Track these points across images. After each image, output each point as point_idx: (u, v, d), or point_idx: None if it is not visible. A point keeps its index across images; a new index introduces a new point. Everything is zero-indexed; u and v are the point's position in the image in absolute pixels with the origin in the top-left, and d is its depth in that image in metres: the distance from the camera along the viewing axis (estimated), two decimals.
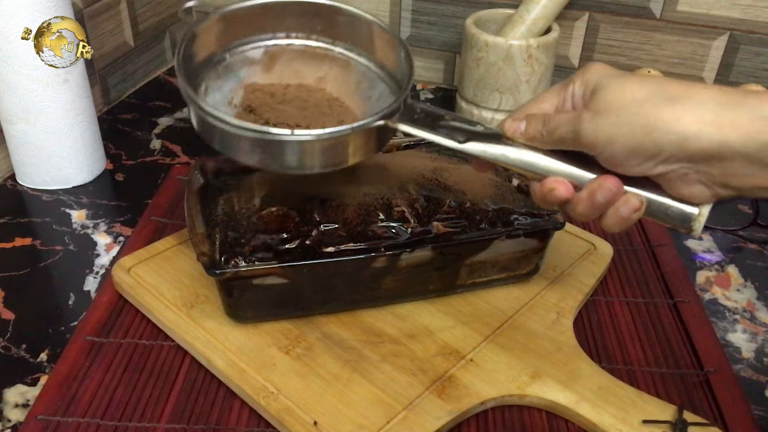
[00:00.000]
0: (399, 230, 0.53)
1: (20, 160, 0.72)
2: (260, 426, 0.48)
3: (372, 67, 0.54)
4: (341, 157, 0.47)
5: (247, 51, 0.54)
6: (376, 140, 0.47)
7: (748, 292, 0.64)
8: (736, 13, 0.84)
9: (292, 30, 0.54)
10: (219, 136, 0.46)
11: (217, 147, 0.47)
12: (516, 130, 0.44)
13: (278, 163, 0.46)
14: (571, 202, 0.43)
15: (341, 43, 0.54)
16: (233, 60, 0.53)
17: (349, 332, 0.54)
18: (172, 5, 1.01)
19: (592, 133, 0.40)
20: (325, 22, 0.54)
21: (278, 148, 0.45)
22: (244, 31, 0.53)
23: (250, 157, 0.46)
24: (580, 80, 0.43)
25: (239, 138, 0.45)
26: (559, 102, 0.44)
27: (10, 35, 0.63)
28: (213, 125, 0.45)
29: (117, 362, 0.52)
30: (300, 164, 0.46)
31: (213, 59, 0.52)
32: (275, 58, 0.54)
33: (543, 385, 0.50)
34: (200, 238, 0.52)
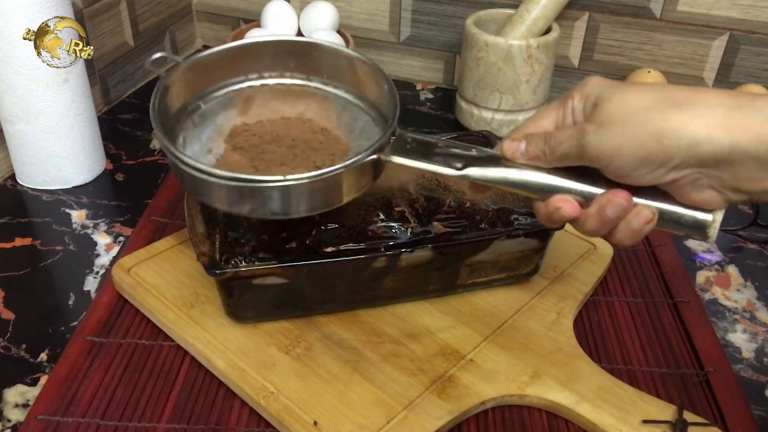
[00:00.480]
0: (399, 230, 0.54)
1: (20, 160, 0.72)
2: (260, 426, 0.48)
3: (351, 99, 0.53)
4: (335, 197, 0.45)
5: (221, 96, 0.53)
6: (368, 175, 0.46)
7: (748, 292, 0.64)
8: (736, 13, 0.84)
9: (264, 70, 0.53)
10: (204, 188, 0.44)
11: (205, 200, 0.46)
12: (516, 150, 0.43)
13: (270, 209, 0.44)
14: (578, 220, 0.42)
15: (317, 77, 0.54)
16: (208, 107, 0.52)
17: (349, 332, 0.54)
18: (172, 5, 1.01)
19: (597, 145, 0.40)
20: (298, 59, 0.53)
21: (269, 194, 0.44)
22: (216, 77, 0.53)
23: (241, 207, 0.45)
24: (579, 94, 0.42)
25: (226, 189, 0.44)
26: (558, 119, 0.44)
27: (10, 35, 0.63)
28: (198, 179, 0.43)
29: (117, 362, 0.52)
30: (293, 208, 0.45)
31: (187, 108, 0.51)
32: (251, 100, 0.53)
33: (543, 385, 0.50)
34: (200, 238, 0.52)
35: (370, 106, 0.53)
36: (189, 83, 0.51)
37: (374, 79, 0.51)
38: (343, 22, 0.98)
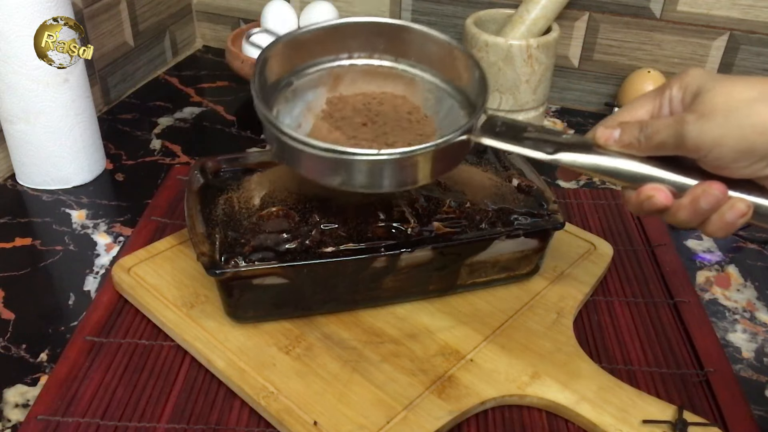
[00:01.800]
0: (399, 230, 0.54)
1: (20, 160, 0.72)
2: (260, 426, 0.48)
3: (437, 82, 0.54)
4: (422, 174, 0.46)
5: (312, 74, 0.54)
6: (456, 156, 0.47)
7: (748, 292, 0.64)
8: (736, 13, 0.84)
9: (354, 50, 0.54)
10: (300, 159, 0.46)
11: (301, 171, 0.48)
12: (609, 137, 0.43)
13: (359, 182, 0.46)
14: (670, 210, 0.42)
15: (404, 60, 0.54)
16: (300, 84, 0.54)
17: (349, 332, 0.54)
18: (172, 5, 1.01)
19: (698, 135, 0.39)
20: (387, 41, 0.54)
21: (361, 168, 0.45)
22: (309, 55, 0.54)
23: (332, 179, 0.46)
24: (678, 85, 0.42)
25: (322, 160, 0.45)
26: (654, 108, 0.44)
27: (10, 35, 0.63)
28: (296, 149, 0.45)
29: (117, 362, 0.52)
30: (383, 183, 0.46)
31: (281, 83, 0.53)
32: (339, 79, 0.54)
33: (543, 385, 0.50)
34: (200, 238, 0.52)
35: (455, 90, 0.53)
36: (285, 59, 0.52)
37: (463, 63, 0.52)
38: None
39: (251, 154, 0.64)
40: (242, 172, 0.60)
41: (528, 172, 0.61)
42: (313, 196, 0.54)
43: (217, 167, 0.60)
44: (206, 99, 0.94)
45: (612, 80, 0.93)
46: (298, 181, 0.56)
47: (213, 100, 0.93)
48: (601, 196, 0.74)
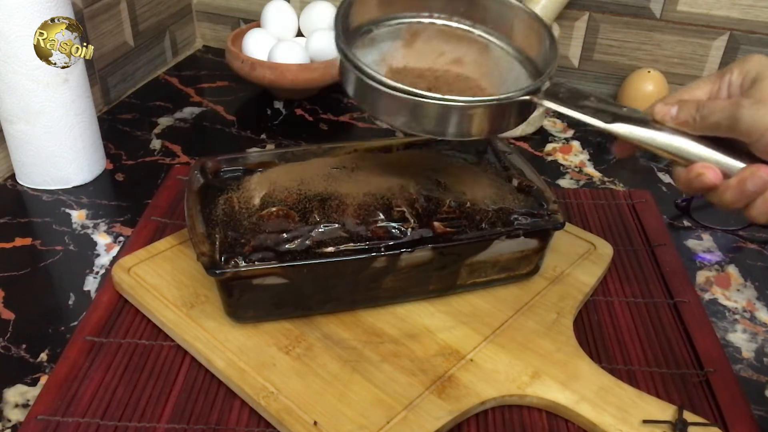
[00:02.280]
0: (399, 230, 0.54)
1: (20, 160, 0.72)
2: (260, 426, 0.48)
3: (510, 50, 0.56)
4: (483, 127, 0.49)
5: (391, 26, 0.56)
6: (516, 115, 0.49)
7: (748, 292, 0.64)
8: (736, 13, 0.84)
9: (435, 10, 0.56)
10: (376, 98, 0.48)
11: (368, 109, 0.50)
12: (666, 113, 0.45)
13: (424, 125, 0.48)
14: (717, 190, 0.43)
15: (481, 26, 0.56)
16: (378, 33, 0.55)
17: (349, 332, 0.54)
18: (172, 5, 1.01)
19: (751, 119, 0.40)
20: (468, 5, 0.56)
21: (429, 110, 0.47)
22: (392, 7, 0.56)
23: (399, 119, 0.49)
24: (739, 70, 0.44)
25: (397, 99, 0.47)
26: (713, 90, 0.45)
27: (10, 35, 0.63)
28: (374, 88, 0.48)
29: (117, 362, 0.52)
30: (446, 129, 0.48)
31: (361, 30, 0.54)
32: (417, 35, 0.56)
33: (543, 385, 0.50)
34: (200, 238, 0.52)
35: (526, 59, 0.54)
36: (367, 7, 0.54)
37: (536, 33, 0.53)
38: None
39: (251, 154, 0.64)
40: (242, 172, 0.60)
41: (528, 172, 0.61)
42: (313, 196, 0.54)
43: (217, 167, 0.60)
44: (206, 99, 0.94)
45: (612, 80, 0.93)
46: (298, 181, 0.56)
47: (213, 100, 0.93)
48: (601, 196, 0.74)
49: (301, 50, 0.88)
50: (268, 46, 0.90)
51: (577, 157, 0.84)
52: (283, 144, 0.84)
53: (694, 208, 0.73)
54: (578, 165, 0.82)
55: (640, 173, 0.81)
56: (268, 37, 0.92)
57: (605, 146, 0.86)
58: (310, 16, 0.95)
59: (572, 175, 0.80)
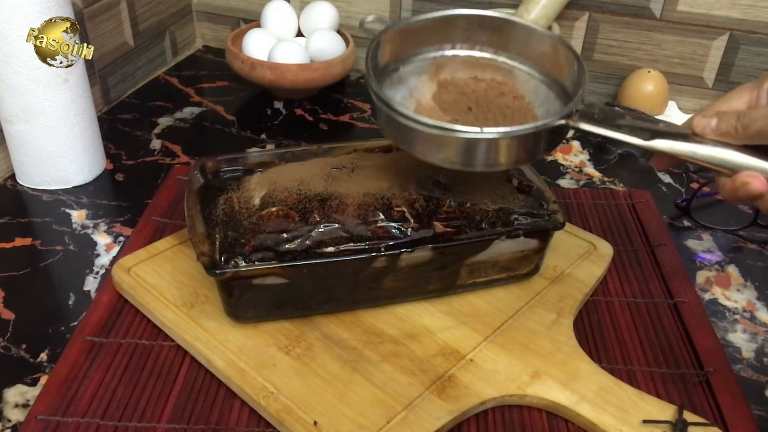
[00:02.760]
0: (399, 230, 0.54)
1: (20, 160, 0.72)
2: (260, 426, 0.48)
3: (535, 74, 0.56)
4: (520, 155, 0.49)
5: (417, 61, 0.57)
6: (552, 140, 0.50)
7: (748, 292, 0.64)
8: (736, 13, 0.84)
9: (457, 41, 0.57)
10: (406, 135, 0.49)
11: (407, 147, 0.51)
12: (706, 126, 0.45)
13: (462, 159, 0.49)
14: (764, 197, 0.43)
15: (504, 52, 0.57)
16: (405, 70, 0.56)
17: (349, 332, 0.54)
18: (172, 5, 1.01)
19: None
20: (490, 33, 0.56)
21: (465, 145, 0.48)
22: (416, 43, 0.57)
23: (437, 155, 0.49)
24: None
25: (428, 136, 0.48)
26: (752, 99, 0.45)
27: (10, 35, 0.63)
28: (405, 126, 0.48)
29: (117, 362, 0.52)
30: (483, 161, 0.49)
31: (388, 68, 0.56)
32: (442, 68, 0.57)
33: (543, 385, 0.50)
34: (200, 238, 0.52)
35: (552, 81, 0.55)
36: (394, 46, 0.55)
37: (562, 55, 0.54)
38: (343, 22, 0.98)
39: (251, 154, 0.64)
40: (242, 172, 0.60)
41: (528, 172, 0.61)
42: (313, 196, 0.54)
43: (217, 167, 0.60)
44: (206, 99, 0.94)
45: (612, 80, 0.93)
46: (298, 181, 0.56)
47: (213, 100, 0.93)
48: (601, 196, 0.74)
49: (301, 50, 0.88)
50: (268, 46, 0.90)
51: (577, 157, 0.84)
52: (283, 144, 0.84)
53: (694, 208, 0.73)
54: (578, 165, 0.82)
55: (640, 173, 0.81)
56: (268, 37, 0.92)
57: (605, 146, 0.86)
58: (310, 16, 0.95)
59: (572, 175, 0.80)
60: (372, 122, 0.90)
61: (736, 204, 0.48)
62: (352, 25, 0.99)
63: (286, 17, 0.95)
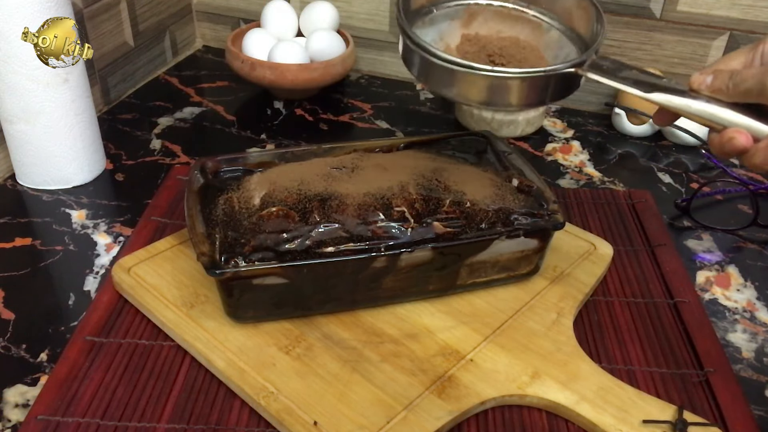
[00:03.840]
0: (399, 230, 0.54)
1: (20, 160, 0.72)
2: (260, 426, 0.48)
3: (562, 29, 0.59)
4: (531, 97, 0.52)
5: (451, 7, 0.60)
6: (562, 87, 0.52)
7: (748, 292, 0.64)
8: (736, 13, 0.84)
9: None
10: (429, 68, 0.52)
11: (422, 79, 0.54)
12: (702, 82, 0.47)
13: (476, 96, 0.51)
14: (748, 152, 0.45)
15: (535, 6, 0.60)
16: (438, 14, 0.59)
17: (349, 332, 0.54)
18: (172, 5, 1.01)
19: None
20: None
21: (479, 82, 0.50)
22: None
23: (452, 90, 0.52)
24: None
25: (447, 71, 0.50)
26: (747, 60, 0.48)
27: (10, 35, 0.63)
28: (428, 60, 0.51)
29: (117, 362, 0.52)
30: (495, 99, 0.51)
31: (422, 11, 0.58)
32: (474, 15, 0.60)
33: (543, 385, 0.50)
34: (200, 238, 0.52)
35: (576, 36, 0.57)
36: None
37: (585, 10, 0.56)
38: (343, 22, 0.98)
39: (251, 154, 0.64)
40: (242, 172, 0.60)
41: (528, 172, 0.61)
42: (313, 196, 0.54)
43: (217, 167, 0.60)
44: (206, 99, 0.94)
45: None
46: (299, 181, 0.56)
47: (213, 100, 0.93)
48: (601, 196, 0.74)
49: (301, 50, 0.88)
50: (268, 46, 0.90)
51: (577, 157, 0.84)
52: (283, 144, 0.84)
53: (694, 208, 0.73)
54: (578, 165, 0.82)
55: (640, 173, 0.81)
56: (268, 37, 0.92)
57: (605, 146, 0.86)
58: (310, 16, 0.95)
59: (572, 175, 0.80)
60: (372, 122, 0.90)
61: (724, 158, 0.50)
62: (352, 25, 0.99)
63: (286, 17, 0.95)
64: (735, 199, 0.76)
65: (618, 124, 0.89)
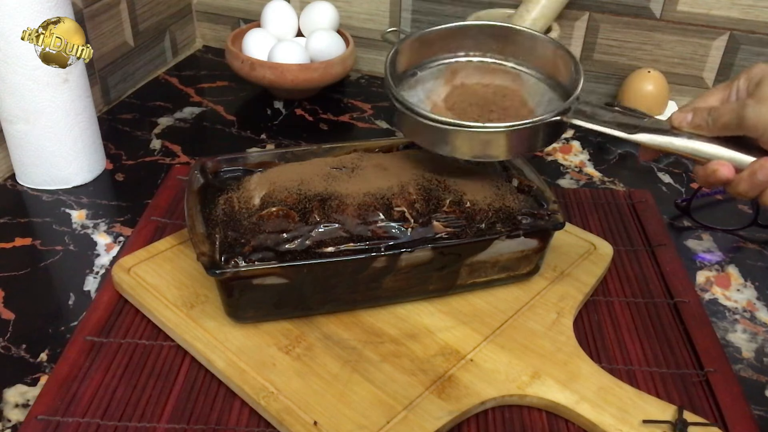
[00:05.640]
0: (399, 230, 0.54)
1: (20, 160, 0.72)
2: (260, 426, 0.48)
3: (540, 77, 0.61)
4: (520, 147, 0.55)
5: (433, 67, 0.63)
6: (548, 135, 0.55)
7: (748, 292, 0.64)
8: (736, 13, 0.84)
9: (470, 49, 0.63)
10: (420, 129, 0.55)
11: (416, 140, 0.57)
12: (683, 120, 0.50)
13: (467, 150, 0.55)
14: (732, 182, 0.48)
15: (512, 58, 0.62)
16: (422, 75, 0.62)
17: (349, 332, 0.54)
18: (172, 5, 1.01)
19: (755, 116, 0.46)
20: (500, 41, 0.62)
21: (469, 137, 0.54)
22: (432, 51, 0.63)
23: (444, 148, 0.55)
24: (745, 77, 0.49)
25: (437, 130, 0.54)
26: (724, 97, 0.50)
27: (10, 35, 0.63)
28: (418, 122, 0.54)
29: (117, 362, 0.52)
30: (487, 152, 0.54)
31: (406, 74, 0.62)
32: (456, 72, 0.63)
33: (543, 385, 0.50)
34: (200, 238, 0.52)
35: (555, 84, 0.60)
36: (412, 53, 0.61)
37: (562, 59, 0.59)
38: (343, 22, 0.98)
39: (251, 154, 0.64)
40: (242, 172, 0.60)
41: (528, 172, 0.61)
42: (313, 196, 0.54)
43: (217, 167, 0.60)
44: (206, 99, 0.94)
45: (612, 80, 0.93)
46: (298, 181, 0.56)
47: (213, 100, 0.93)
48: (601, 196, 0.74)
49: (301, 50, 0.88)
50: (268, 46, 0.90)
51: (577, 157, 0.84)
52: (283, 144, 0.84)
53: (694, 208, 0.73)
54: (578, 165, 0.82)
55: (640, 173, 0.81)
56: (268, 37, 0.92)
57: (605, 146, 0.86)
58: (310, 16, 0.95)
59: (572, 175, 0.80)
60: (372, 122, 0.90)
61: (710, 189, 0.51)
62: (352, 25, 0.99)
63: (286, 17, 0.95)
64: (735, 199, 0.76)
65: None
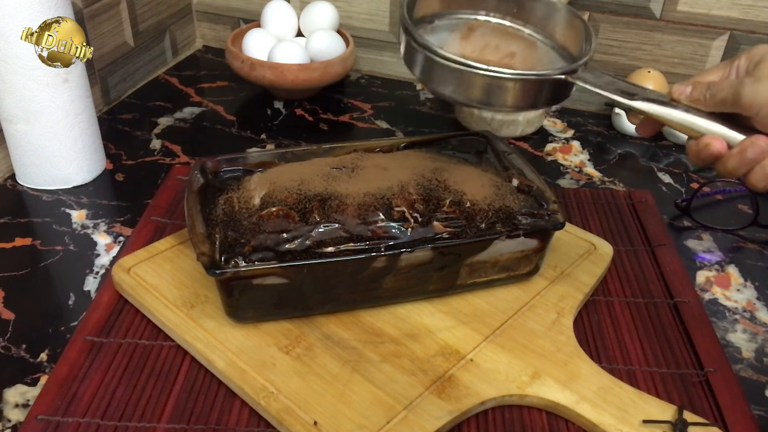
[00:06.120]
0: (399, 230, 0.54)
1: (20, 160, 0.72)
2: (260, 426, 0.48)
3: (554, 47, 0.62)
4: (529, 100, 0.54)
5: (452, 19, 0.63)
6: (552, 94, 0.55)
7: (748, 292, 0.64)
8: (736, 13, 0.84)
9: (491, 10, 0.64)
10: (428, 66, 0.54)
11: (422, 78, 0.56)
12: (682, 92, 0.51)
13: (469, 94, 0.54)
14: (722, 158, 0.48)
15: (531, 26, 0.63)
16: (439, 24, 0.62)
17: (349, 332, 0.54)
18: (172, 5, 1.01)
19: (752, 94, 0.46)
20: (519, 6, 0.63)
21: (479, 81, 0.53)
22: (453, 4, 0.63)
23: (450, 87, 0.54)
24: (746, 56, 0.49)
25: (447, 69, 0.53)
26: (724, 73, 0.51)
27: (10, 35, 0.63)
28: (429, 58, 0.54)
29: (117, 362, 0.52)
30: (488, 99, 0.54)
31: (424, 20, 0.61)
32: (473, 29, 0.63)
33: (543, 385, 0.50)
34: (200, 238, 0.52)
35: (569, 56, 0.60)
36: (431, 2, 0.62)
37: (576, 29, 0.60)
38: (343, 22, 0.98)
39: (251, 154, 0.64)
40: (242, 172, 0.60)
41: (528, 172, 0.61)
42: (313, 196, 0.54)
43: (217, 167, 0.60)
44: (206, 99, 0.94)
45: None
46: (299, 181, 0.56)
47: (213, 100, 0.93)
48: (601, 196, 0.74)
49: (301, 50, 0.88)
50: (268, 46, 0.90)
51: (577, 157, 0.84)
52: (283, 144, 0.84)
53: (694, 208, 0.73)
54: (578, 165, 0.82)
55: (640, 173, 0.81)
56: (268, 37, 0.92)
57: (605, 146, 0.86)
58: (310, 16, 0.95)
59: (572, 175, 0.80)
60: (372, 122, 0.90)
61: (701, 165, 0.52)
62: (352, 25, 0.99)
63: (286, 17, 0.95)
64: (735, 199, 0.76)
65: (618, 124, 0.89)
